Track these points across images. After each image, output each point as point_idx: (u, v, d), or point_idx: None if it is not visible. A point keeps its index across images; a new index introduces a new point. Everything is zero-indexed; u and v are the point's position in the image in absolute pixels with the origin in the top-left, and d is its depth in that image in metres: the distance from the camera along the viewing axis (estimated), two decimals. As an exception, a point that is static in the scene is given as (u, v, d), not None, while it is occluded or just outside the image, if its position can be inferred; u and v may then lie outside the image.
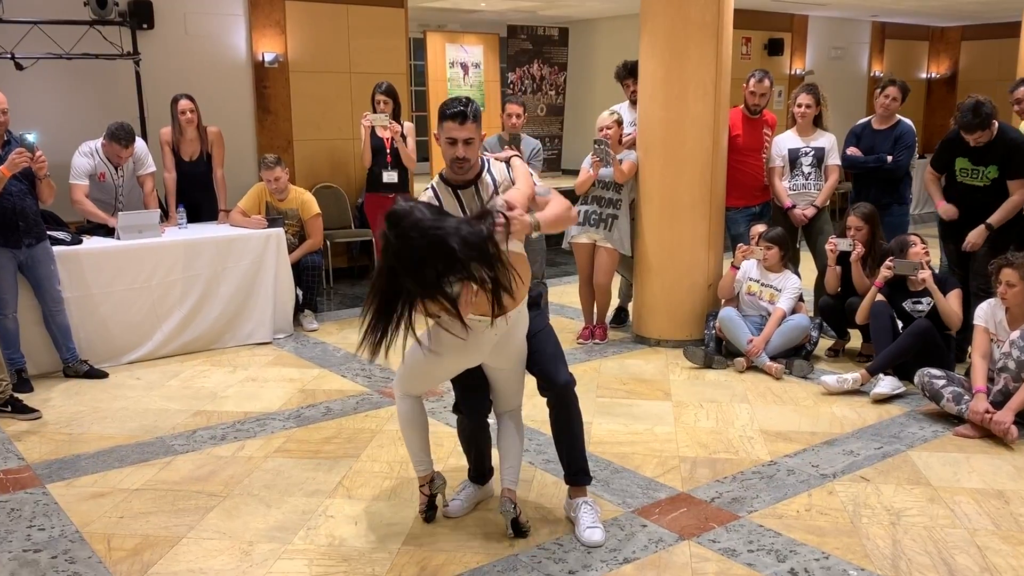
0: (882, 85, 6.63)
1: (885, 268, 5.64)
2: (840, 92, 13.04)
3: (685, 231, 6.39)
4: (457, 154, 3.41)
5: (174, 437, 4.84)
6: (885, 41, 15.56)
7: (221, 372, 6.05)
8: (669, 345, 6.51)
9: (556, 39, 14.21)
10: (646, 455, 4.54)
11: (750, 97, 6.71)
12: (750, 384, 5.70)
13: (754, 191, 6.83)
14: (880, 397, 5.32)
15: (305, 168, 8.93)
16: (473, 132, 3.40)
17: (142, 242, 6.25)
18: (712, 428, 4.93)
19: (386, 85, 7.22)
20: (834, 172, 6.69)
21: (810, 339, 6.04)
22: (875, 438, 4.77)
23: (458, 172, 3.47)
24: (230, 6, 8.43)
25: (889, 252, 5.87)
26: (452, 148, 3.41)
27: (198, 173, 7.19)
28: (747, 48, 13.41)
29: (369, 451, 4.61)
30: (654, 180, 6.40)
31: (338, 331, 7.10)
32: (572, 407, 3.65)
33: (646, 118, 6.42)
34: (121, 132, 6.44)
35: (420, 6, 11.66)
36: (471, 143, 3.41)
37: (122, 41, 7.53)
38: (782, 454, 4.55)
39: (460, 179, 3.50)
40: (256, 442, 4.76)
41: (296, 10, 8.71)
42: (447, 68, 13.46)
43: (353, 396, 5.50)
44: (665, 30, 6.21)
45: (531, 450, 4.50)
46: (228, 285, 6.56)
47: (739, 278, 6.22)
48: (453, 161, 3.43)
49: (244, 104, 8.59)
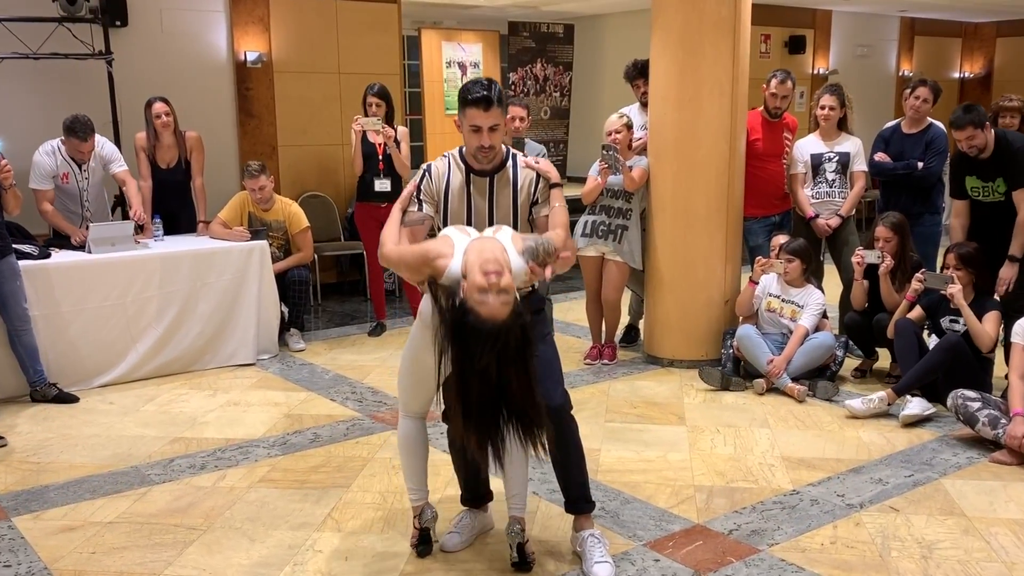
0: (912, 85, 6.67)
1: (916, 281, 5.67)
2: (866, 93, 13.08)
3: (700, 243, 6.42)
4: (482, 143, 3.45)
5: (150, 466, 4.86)
6: (915, 38, 15.62)
7: (201, 396, 6.07)
8: (683, 366, 6.53)
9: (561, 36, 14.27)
10: (659, 484, 4.56)
11: (771, 99, 6.75)
12: (770, 407, 5.72)
13: (774, 199, 6.86)
14: (910, 420, 5.34)
15: (291, 176, 8.98)
16: (498, 118, 3.45)
17: (115, 256, 6.28)
18: (730, 455, 4.95)
19: (378, 87, 7.27)
20: (860, 179, 6.73)
21: (835, 359, 6.07)
22: (905, 465, 4.79)
23: (483, 161, 3.52)
24: (210, 2, 8.49)
25: (920, 266, 5.90)
26: (477, 136, 3.46)
27: (175, 181, 7.23)
28: (766, 46, 13.47)
29: (360, 481, 4.63)
30: (666, 188, 6.44)
31: (327, 351, 7.12)
32: (566, 432, 3.61)
33: (658, 121, 6.46)
34: (76, 124, 6.47)
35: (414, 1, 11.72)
36: (496, 130, 3.47)
37: (93, 40, 7.57)
38: (805, 483, 4.56)
39: (480, 166, 3.56)
40: (238, 471, 4.78)
41: (281, 6, 8.76)
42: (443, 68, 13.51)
43: (343, 421, 5.53)
44: (678, 26, 6.26)
45: (535, 479, 4.52)
46: (208, 302, 6.59)
47: (758, 293, 6.24)
48: (478, 150, 3.48)
49: (225, 107, 8.65)
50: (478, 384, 3.04)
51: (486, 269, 3.01)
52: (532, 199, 3.58)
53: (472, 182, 3.56)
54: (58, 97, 7.67)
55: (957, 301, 5.45)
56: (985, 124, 5.70)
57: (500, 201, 3.59)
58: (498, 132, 3.47)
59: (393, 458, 4.87)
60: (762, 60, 12.84)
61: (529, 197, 3.58)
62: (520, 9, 13.42)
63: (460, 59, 13.63)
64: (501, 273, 3.02)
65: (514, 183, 3.58)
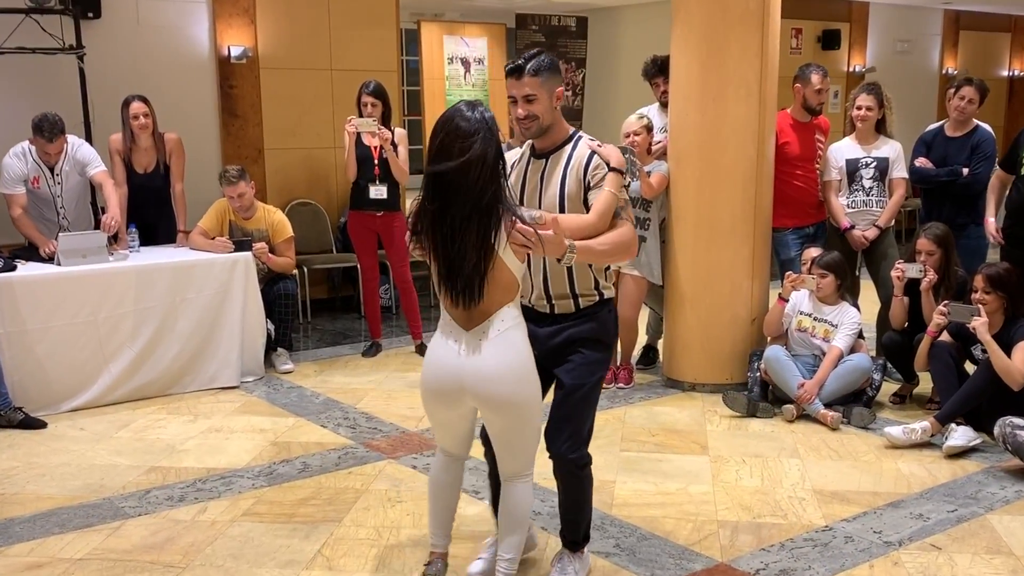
0: (956, 85, 6.71)
1: (938, 314, 5.68)
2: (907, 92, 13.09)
3: (725, 256, 6.45)
4: (517, 113, 3.60)
5: (124, 498, 4.89)
6: (960, 32, 15.64)
7: (179, 422, 6.10)
8: (706, 390, 6.55)
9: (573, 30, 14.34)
10: (679, 519, 4.57)
11: (814, 96, 6.78)
12: (801, 436, 5.73)
13: (806, 209, 6.89)
14: (954, 451, 5.35)
15: (278, 182, 9.01)
16: (535, 87, 3.57)
17: (86, 268, 6.31)
18: (756, 487, 4.97)
19: (374, 85, 7.31)
20: (900, 187, 6.75)
21: (871, 383, 6.08)
22: (948, 499, 4.80)
23: (526, 134, 3.68)
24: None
25: (965, 283, 5.91)
26: (515, 108, 3.62)
27: (153, 188, 7.27)
28: (797, 41, 13.51)
29: (353, 514, 4.65)
30: (688, 195, 6.47)
31: (317, 373, 7.15)
32: (572, 484, 3.79)
33: (679, 123, 6.50)
34: (44, 123, 6.51)
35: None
36: (533, 100, 3.58)
37: (64, 33, 7.60)
38: (839, 518, 4.58)
39: (539, 146, 3.72)
40: (220, 504, 4.80)
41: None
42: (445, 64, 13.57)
43: (334, 449, 5.55)
44: (701, 19, 6.30)
45: (544, 513, 4.53)
46: (188, 319, 6.62)
47: (788, 311, 6.26)
48: (518, 122, 3.64)
49: (206, 107, 8.69)
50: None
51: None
52: (585, 183, 3.63)
53: (530, 161, 3.73)
54: (25, 95, 7.68)
55: (981, 336, 5.39)
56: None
57: (550, 181, 3.68)
58: (536, 103, 3.58)
59: (389, 490, 4.90)
60: (792, 56, 12.87)
61: (580, 181, 3.63)
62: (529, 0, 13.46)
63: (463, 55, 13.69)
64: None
65: (566, 165, 3.66)
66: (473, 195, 3.22)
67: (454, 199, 3.24)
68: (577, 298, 3.70)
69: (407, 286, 7.56)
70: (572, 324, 3.69)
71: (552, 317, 3.71)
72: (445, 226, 3.26)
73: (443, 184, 3.25)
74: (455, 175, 3.23)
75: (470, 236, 3.24)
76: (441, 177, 3.25)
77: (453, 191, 3.24)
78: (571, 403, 3.66)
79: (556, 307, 3.71)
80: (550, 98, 3.60)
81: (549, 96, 3.60)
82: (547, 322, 3.70)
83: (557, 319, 3.71)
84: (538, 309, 3.72)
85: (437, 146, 3.29)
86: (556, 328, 3.69)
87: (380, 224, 7.41)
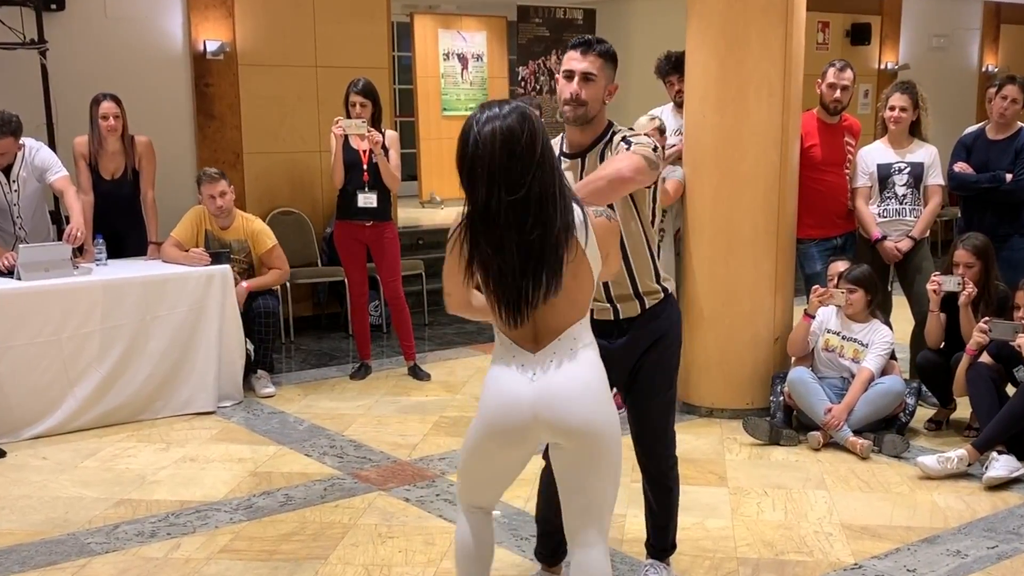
0: (998, 84, 6.75)
1: (978, 332, 5.70)
2: (944, 92, 13.14)
3: (745, 270, 6.48)
4: (571, 90, 3.60)
5: (91, 533, 4.90)
6: (1000, 27, 15.69)
7: (151, 450, 6.11)
8: (725, 415, 6.57)
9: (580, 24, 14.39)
10: (695, 556, 4.59)
11: (828, 91, 6.80)
12: (828, 465, 5.75)
13: (834, 218, 6.92)
14: (995, 482, 5.37)
15: (259, 188, 9.03)
16: (598, 69, 3.60)
17: (49, 283, 6.32)
18: (780, 521, 4.99)
19: (363, 83, 7.34)
20: (936, 194, 6.78)
21: (905, 408, 6.11)
22: (988, 534, 4.82)
23: (569, 115, 3.64)
24: (162, -19, 8.59)
25: (1007, 298, 5.94)
26: (568, 84, 3.61)
27: (122, 195, 7.29)
28: (824, 36, 13.57)
29: (340, 551, 4.66)
30: (705, 204, 6.50)
31: (301, 397, 7.18)
32: (670, 487, 4.12)
33: (695, 125, 6.54)
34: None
35: (405, -18, 11.84)
36: (592, 80, 3.60)
37: (24, 26, 7.65)
38: (869, 555, 4.59)
39: (573, 141, 3.71)
40: (195, 539, 4.81)
41: (247, -13, 8.87)
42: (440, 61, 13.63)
43: (320, 480, 5.57)
44: (719, 12, 6.34)
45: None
46: (160, 339, 6.64)
47: (814, 330, 6.29)
48: (566, 102, 3.62)
49: (180, 107, 8.73)
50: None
51: None
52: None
53: (561, 165, 3.61)
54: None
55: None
56: None
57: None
58: (593, 86, 3.62)
59: (380, 524, 4.92)
60: (819, 53, 12.92)
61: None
62: (531, -9, 13.50)
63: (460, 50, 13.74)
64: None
65: (601, 161, 3.69)
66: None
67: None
68: (642, 298, 3.77)
69: (399, 302, 7.58)
70: (641, 330, 3.80)
71: (618, 325, 3.78)
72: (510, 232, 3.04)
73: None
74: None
75: (549, 227, 3.03)
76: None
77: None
78: (658, 410, 3.89)
79: (621, 311, 3.77)
80: (605, 87, 3.65)
81: (606, 84, 3.65)
82: (615, 333, 3.77)
83: (622, 326, 3.79)
84: (599, 317, 3.73)
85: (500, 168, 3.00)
86: (628, 340, 3.79)
87: (369, 235, 7.43)
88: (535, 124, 3.01)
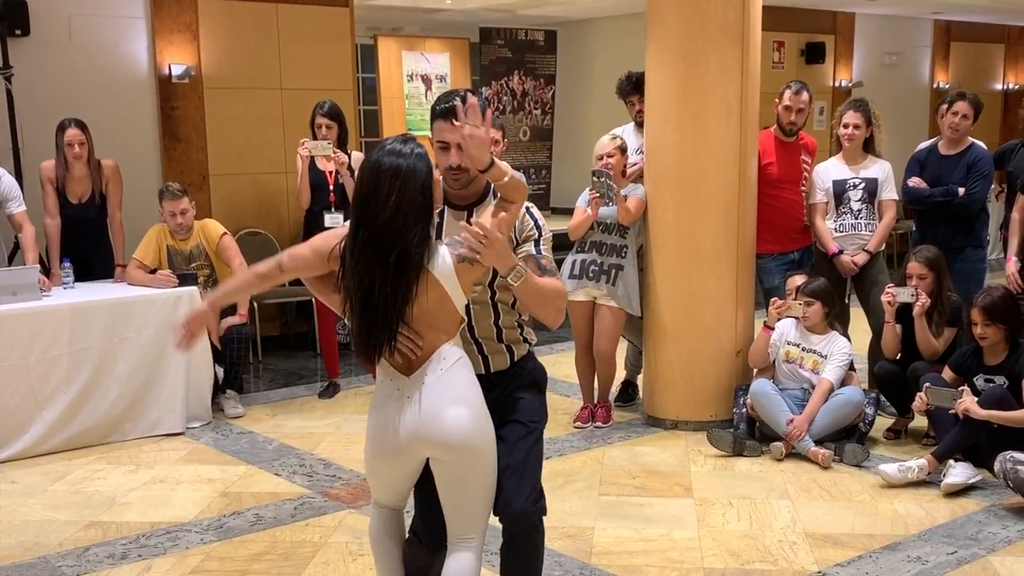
0: (949, 100, 6.81)
1: (919, 400, 5.74)
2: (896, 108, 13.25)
3: (707, 284, 6.51)
4: (451, 161, 3.41)
5: (61, 556, 4.86)
6: (951, 44, 15.86)
7: (120, 472, 6.07)
8: (689, 428, 6.59)
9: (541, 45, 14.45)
10: (662, 567, 4.60)
11: (784, 113, 6.85)
12: (791, 475, 5.78)
13: (791, 233, 6.96)
14: (953, 489, 5.41)
15: (225, 209, 8.98)
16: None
17: (15, 307, 6.28)
18: (744, 531, 5.01)
19: (328, 105, 7.35)
20: (890, 208, 6.84)
21: (864, 417, 6.15)
22: (948, 540, 4.85)
23: (454, 185, 3.49)
24: (127, 6, 8.51)
25: (959, 309, 6.00)
26: (444, 154, 3.43)
27: (88, 219, 7.26)
28: (780, 55, 13.67)
29: (312, 570, 4.64)
30: (667, 220, 6.53)
31: (270, 417, 7.14)
32: (522, 545, 3.61)
33: (656, 144, 6.57)
34: None
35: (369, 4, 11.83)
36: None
37: (-11, 52, 7.63)
38: (832, 563, 4.62)
39: (459, 196, 3.53)
40: (166, 561, 4.78)
41: (212, 10, 8.81)
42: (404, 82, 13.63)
43: (290, 500, 5.55)
44: (678, 33, 6.38)
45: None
46: (127, 361, 6.60)
47: (774, 341, 6.32)
48: (447, 171, 3.44)
49: (146, 129, 8.68)
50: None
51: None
52: (516, 235, 3.51)
53: (446, 217, 3.54)
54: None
55: (975, 414, 5.39)
56: None
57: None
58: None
59: (350, 542, 4.90)
60: (775, 71, 13.03)
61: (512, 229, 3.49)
62: (494, 13, 13.54)
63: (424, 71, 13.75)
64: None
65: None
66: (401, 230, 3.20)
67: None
68: (511, 349, 3.64)
69: (366, 321, 7.54)
70: (510, 381, 3.65)
71: (488, 379, 3.56)
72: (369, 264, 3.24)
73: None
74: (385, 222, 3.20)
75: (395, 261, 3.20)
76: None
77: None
78: (523, 448, 3.54)
79: (491, 362, 3.61)
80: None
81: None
82: (484, 386, 3.48)
83: (493, 381, 3.60)
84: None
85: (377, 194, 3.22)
86: (496, 394, 3.58)
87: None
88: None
